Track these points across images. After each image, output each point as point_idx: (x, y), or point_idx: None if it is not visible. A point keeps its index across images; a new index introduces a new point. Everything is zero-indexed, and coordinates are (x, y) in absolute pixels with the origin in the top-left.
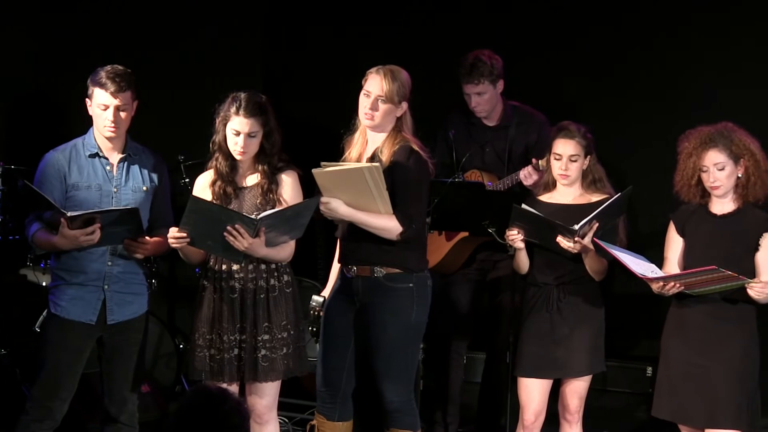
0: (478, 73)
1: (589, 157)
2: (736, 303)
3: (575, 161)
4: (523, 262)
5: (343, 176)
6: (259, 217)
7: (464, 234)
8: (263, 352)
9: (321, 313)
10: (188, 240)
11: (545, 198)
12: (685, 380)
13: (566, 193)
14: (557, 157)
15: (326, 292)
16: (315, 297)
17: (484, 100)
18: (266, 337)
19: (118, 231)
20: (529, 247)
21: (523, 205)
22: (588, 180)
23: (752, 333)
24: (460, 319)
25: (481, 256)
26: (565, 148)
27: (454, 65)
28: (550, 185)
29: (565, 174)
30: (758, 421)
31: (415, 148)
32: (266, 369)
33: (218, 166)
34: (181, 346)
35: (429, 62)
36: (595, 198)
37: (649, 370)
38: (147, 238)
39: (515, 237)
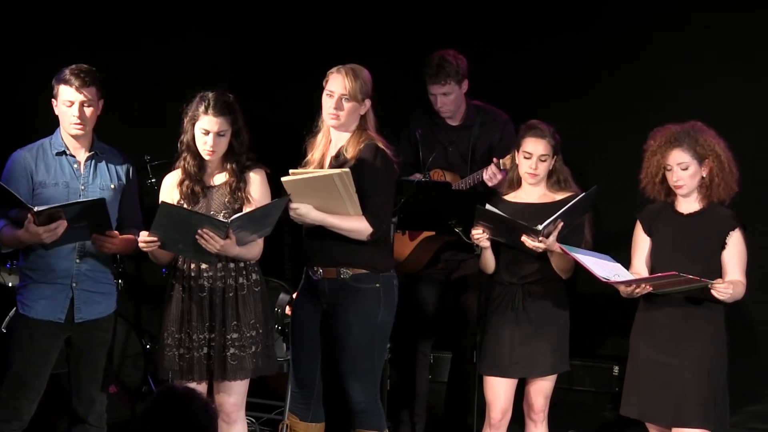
0: (444, 74)
1: (556, 157)
2: (703, 303)
3: (544, 161)
4: (490, 261)
5: (312, 183)
6: (229, 220)
7: (428, 233)
8: (232, 350)
9: (288, 311)
10: (159, 244)
11: (510, 197)
12: (653, 379)
13: (531, 192)
14: (527, 155)
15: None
16: (282, 296)
17: (450, 100)
18: (235, 335)
19: (85, 226)
20: (496, 246)
21: (487, 205)
22: (553, 180)
23: (720, 332)
24: (425, 318)
25: (446, 256)
26: (536, 147)
27: (417, 65)
28: (515, 184)
29: (534, 173)
30: (727, 420)
31: (381, 146)
32: (235, 368)
33: (186, 165)
34: (148, 346)
35: (392, 62)
36: (559, 196)
37: (616, 369)
38: (115, 232)
39: (480, 236)
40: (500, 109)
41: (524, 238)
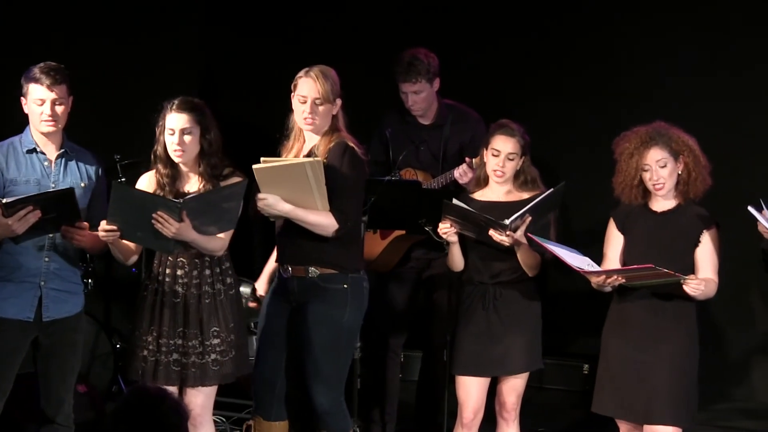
0: (416, 72)
1: (524, 157)
2: (675, 299)
3: (512, 159)
4: (457, 258)
5: (284, 172)
6: (182, 200)
7: (399, 232)
8: (213, 356)
9: (250, 305)
10: (119, 234)
11: (477, 195)
12: (624, 376)
13: (498, 190)
14: (495, 153)
15: (259, 283)
16: (243, 288)
17: (421, 98)
18: (216, 341)
19: (54, 217)
20: (464, 245)
21: (454, 200)
22: (520, 180)
23: (691, 329)
24: (396, 317)
25: (416, 254)
26: (504, 145)
27: (389, 63)
28: (482, 182)
29: (501, 171)
30: (696, 416)
31: (351, 144)
32: (216, 373)
33: (158, 176)
34: (118, 345)
35: (364, 61)
36: (526, 195)
37: (586, 367)
38: (85, 223)
39: (448, 230)
40: (472, 109)
41: (492, 232)
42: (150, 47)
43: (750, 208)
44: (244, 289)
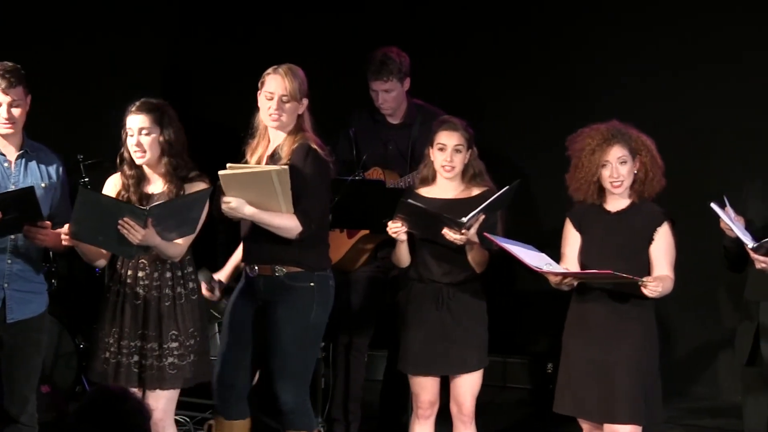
0: (387, 71)
1: (470, 151)
2: (633, 299)
3: (460, 152)
4: (405, 255)
5: (249, 178)
6: (148, 207)
7: (365, 232)
8: (170, 359)
9: (205, 293)
10: (77, 237)
11: (426, 193)
12: (585, 375)
13: (447, 187)
14: (441, 147)
15: (221, 272)
16: (201, 274)
17: (391, 97)
18: (174, 345)
19: (16, 217)
20: (412, 243)
21: (409, 199)
22: (469, 174)
23: (650, 327)
24: (361, 316)
25: (382, 254)
26: (449, 139)
27: (359, 62)
28: (430, 179)
29: (450, 165)
30: (659, 415)
31: (314, 146)
32: (173, 377)
33: (123, 178)
34: (81, 345)
35: (333, 59)
36: (475, 191)
37: (549, 366)
38: (48, 222)
39: (398, 229)
40: (441, 109)
41: (445, 231)
42: (114, 48)
43: (713, 205)
44: (200, 276)
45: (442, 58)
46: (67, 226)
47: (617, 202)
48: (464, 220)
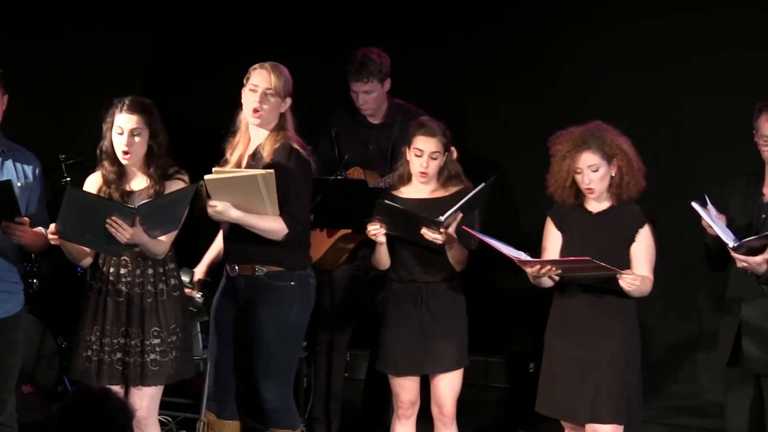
0: (368, 72)
1: (447, 154)
2: (616, 297)
3: (435, 158)
4: (385, 257)
5: (235, 182)
6: (136, 206)
7: (346, 231)
8: (152, 356)
9: (186, 291)
10: (64, 236)
11: (401, 193)
12: (567, 375)
13: (422, 187)
14: (418, 153)
15: (198, 268)
16: (182, 276)
17: (372, 98)
18: (156, 341)
19: None
20: (391, 243)
21: (386, 201)
22: (444, 176)
23: (632, 326)
24: (340, 315)
25: (362, 253)
26: (427, 145)
27: (340, 62)
28: (406, 178)
29: (425, 171)
30: (641, 412)
31: (296, 146)
32: (155, 373)
33: (104, 172)
34: (63, 345)
35: (313, 58)
36: (451, 190)
37: (532, 365)
38: (26, 219)
39: (377, 231)
40: (422, 109)
41: (424, 231)
42: (95, 46)
43: (694, 204)
44: (184, 277)
45: (423, 58)
46: (53, 225)
47: (598, 202)
48: (442, 219)
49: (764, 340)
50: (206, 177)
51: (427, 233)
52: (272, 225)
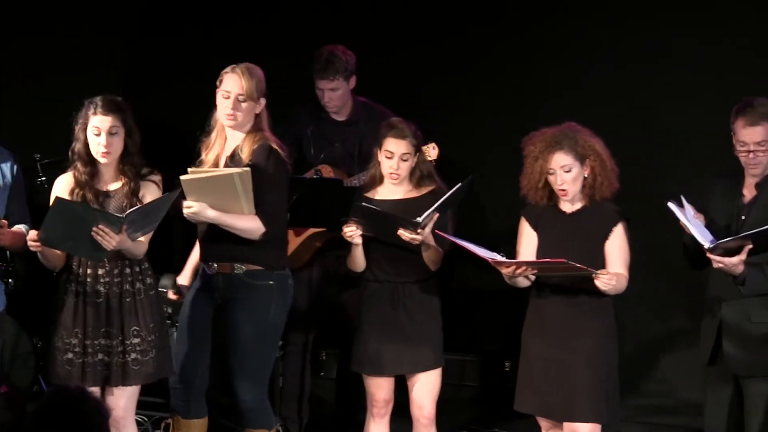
0: (333, 70)
1: (418, 154)
2: (593, 296)
3: (406, 160)
4: (360, 259)
5: (211, 182)
6: (124, 215)
7: (313, 230)
8: (133, 356)
9: (171, 296)
10: (46, 242)
11: (374, 194)
12: (544, 374)
13: (394, 189)
14: (389, 155)
15: (182, 276)
16: (163, 281)
17: (337, 95)
18: (136, 340)
19: None
20: (366, 244)
21: (363, 203)
22: (417, 176)
23: (609, 325)
24: (306, 314)
25: (326, 252)
26: (397, 147)
27: (306, 60)
28: (378, 181)
29: (396, 174)
30: (618, 412)
31: (275, 146)
32: (137, 372)
33: (77, 174)
34: (39, 344)
35: (287, 57)
36: (424, 190)
37: (507, 364)
38: (4, 221)
39: (353, 233)
40: (385, 107)
41: (401, 232)
42: (69, 45)
43: (670, 205)
44: (165, 281)
45: (392, 56)
46: (33, 232)
47: (572, 202)
48: (419, 219)
49: (745, 341)
50: (182, 177)
51: (404, 234)
52: (249, 224)
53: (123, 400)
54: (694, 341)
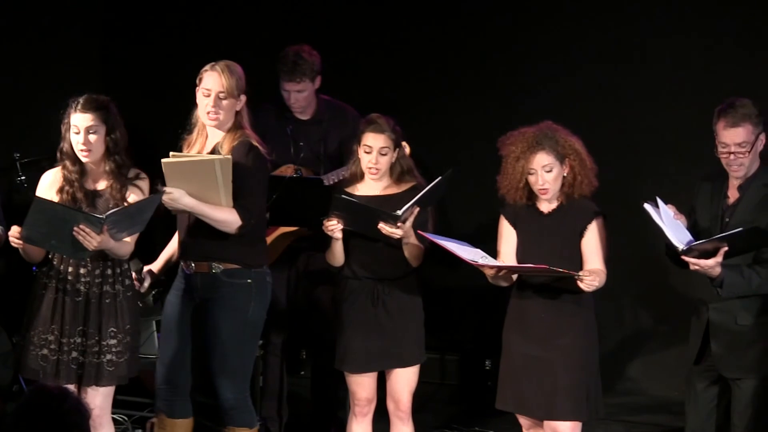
0: (300, 72)
1: (398, 149)
2: (573, 295)
3: (385, 154)
4: (339, 253)
5: (192, 167)
6: (105, 216)
7: (284, 229)
8: (109, 356)
9: (141, 284)
10: (29, 240)
11: (355, 190)
12: (525, 372)
13: (375, 184)
14: (367, 150)
15: (154, 264)
16: (131, 264)
17: (303, 97)
18: (113, 341)
19: None
20: (346, 240)
21: (344, 195)
22: (397, 171)
23: (589, 323)
24: (283, 313)
25: (296, 251)
26: (375, 141)
27: (271, 59)
28: (359, 177)
29: (376, 168)
30: (601, 408)
31: (255, 143)
32: (111, 373)
33: (66, 173)
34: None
35: (265, 54)
36: (404, 186)
37: (488, 362)
38: None
39: (334, 227)
40: (349, 105)
41: (382, 225)
42: (48, 43)
43: (646, 206)
44: (131, 266)
45: (369, 54)
46: (16, 228)
47: (550, 201)
48: (399, 212)
49: (732, 343)
50: (163, 161)
51: (385, 227)
52: (226, 216)
53: (98, 399)
54: (673, 340)
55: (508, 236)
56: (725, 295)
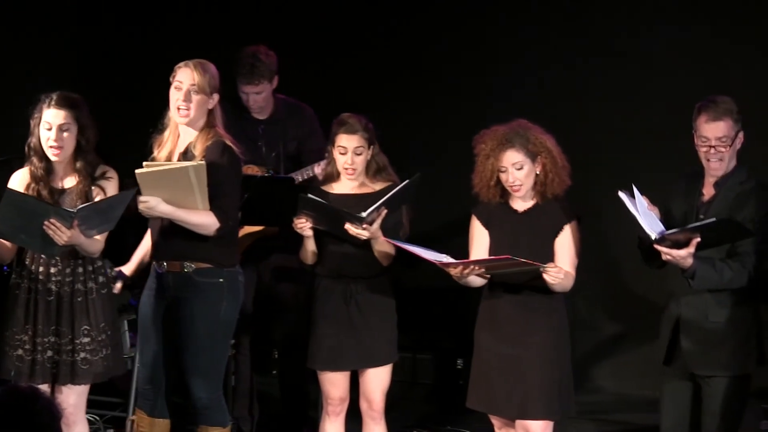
0: (259, 74)
1: (372, 147)
2: (545, 294)
3: (360, 154)
4: (311, 251)
5: (167, 175)
6: (75, 210)
7: (250, 229)
8: (83, 355)
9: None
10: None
11: (329, 189)
12: (497, 371)
13: (350, 184)
14: (342, 151)
15: (126, 266)
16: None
17: (262, 98)
18: (86, 340)
19: None
20: (319, 239)
21: (309, 195)
22: (373, 169)
23: (561, 322)
24: (253, 312)
25: (256, 248)
26: (349, 142)
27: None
28: (335, 176)
29: (352, 168)
30: (572, 406)
31: (228, 143)
32: (86, 372)
33: (33, 169)
34: None
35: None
36: (378, 186)
37: (460, 362)
38: None
39: (303, 225)
40: (305, 104)
41: (348, 226)
42: (19, 41)
43: (621, 194)
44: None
45: (345, 54)
46: None
47: (523, 200)
48: (364, 214)
49: (703, 340)
50: (137, 171)
51: (350, 228)
52: (203, 219)
53: (73, 398)
54: (647, 338)
55: (479, 237)
56: (696, 287)
